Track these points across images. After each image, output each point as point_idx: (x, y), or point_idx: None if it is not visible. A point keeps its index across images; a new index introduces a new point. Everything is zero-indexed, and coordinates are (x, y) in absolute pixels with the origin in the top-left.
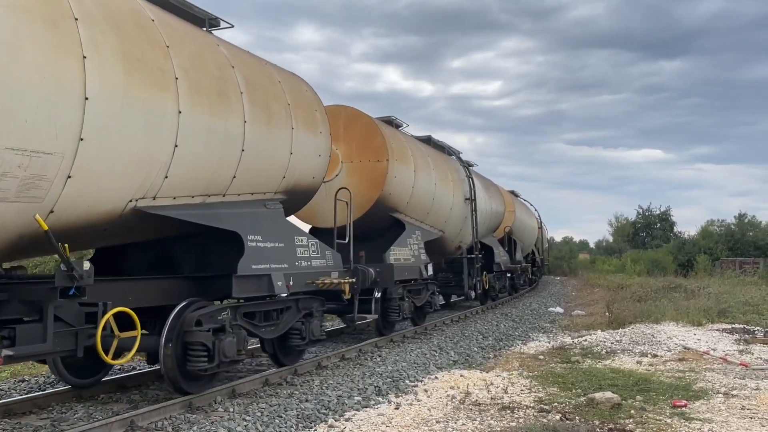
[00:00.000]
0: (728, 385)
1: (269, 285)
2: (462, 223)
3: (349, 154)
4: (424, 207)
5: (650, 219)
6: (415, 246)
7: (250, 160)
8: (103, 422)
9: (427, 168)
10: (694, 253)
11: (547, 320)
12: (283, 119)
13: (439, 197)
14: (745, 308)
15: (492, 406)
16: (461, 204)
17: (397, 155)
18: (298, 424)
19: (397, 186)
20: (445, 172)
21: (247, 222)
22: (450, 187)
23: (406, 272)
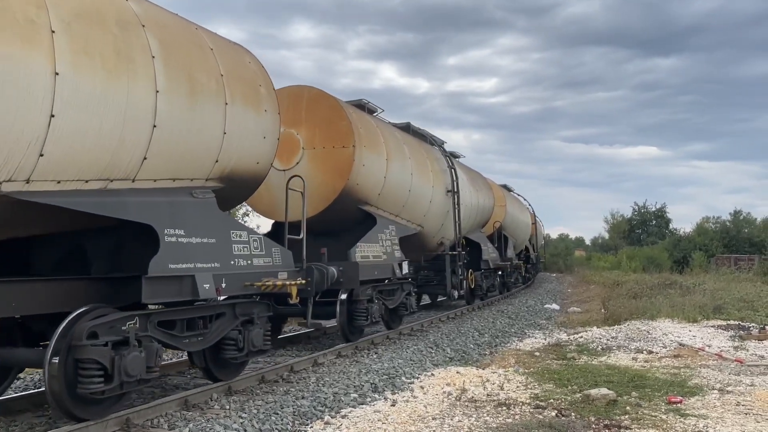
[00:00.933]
0: (723, 381)
1: (192, 288)
2: (443, 218)
3: (311, 140)
4: (399, 199)
5: (646, 216)
6: (387, 242)
7: (166, 138)
8: (99, 420)
9: (402, 157)
10: (689, 250)
11: (543, 317)
12: (212, 92)
13: (416, 189)
14: (740, 305)
15: (488, 402)
16: (442, 197)
17: (366, 141)
18: (294, 421)
19: (366, 175)
20: (423, 161)
21: (165, 213)
22: (429, 178)
23: (376, 271)
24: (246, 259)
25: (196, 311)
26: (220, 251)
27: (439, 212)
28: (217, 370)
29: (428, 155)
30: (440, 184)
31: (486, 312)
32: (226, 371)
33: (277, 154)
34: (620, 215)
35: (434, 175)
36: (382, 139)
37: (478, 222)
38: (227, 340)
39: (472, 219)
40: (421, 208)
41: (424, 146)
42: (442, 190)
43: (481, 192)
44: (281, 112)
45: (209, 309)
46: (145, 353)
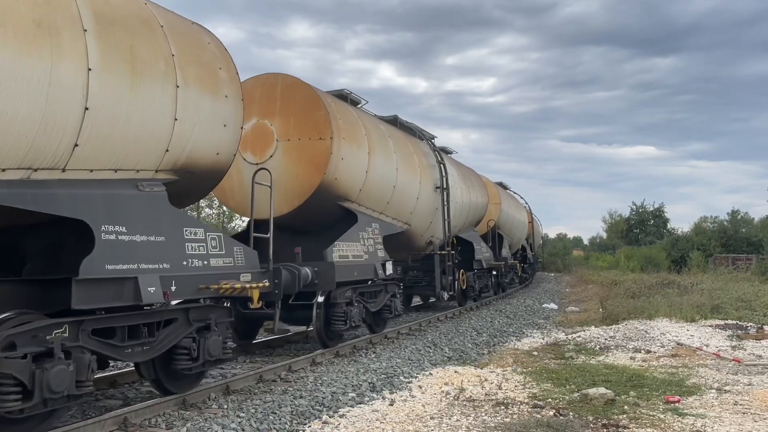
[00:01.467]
0: (721, 380)
1: (135, 292)
2: (432, 216)
3: (285, 131)
4: (383, 196)
5: (644, 215)
6: (370, 241)
7: (102, 123)
8: (96, 419)
9: (386, 151)
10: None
11: (541, 317)
12: (159, 73)
13: (402, 185)
14: (738, 304)
15: (486, 402)
16: (431, 194)
17: (346, 133)
18: (292, 421)
19: (345, 170)
20: (410, 156)
21: (102, 207)
22: (416, 173)
23: (355, 272)
24: (202, 259)
25: (140, 317)
26: (170, 251)
27: (428, 210)
28: (169, 382)
29: (416, 150)
30: (428, 180)
31: (484, 311)
32: (180, 383)
33: (250, 147)
34: (618, 215)
35: (422, 170)
36: (364, 132)
37: (470, 220)
38: (179, 349)
39: (464, 217)
40: (407, 205)
41: (412, 140)
42: (431, 186)
43: (474, 189)
44: (255, 102)
45: (156, 315)
46: (75, 366)
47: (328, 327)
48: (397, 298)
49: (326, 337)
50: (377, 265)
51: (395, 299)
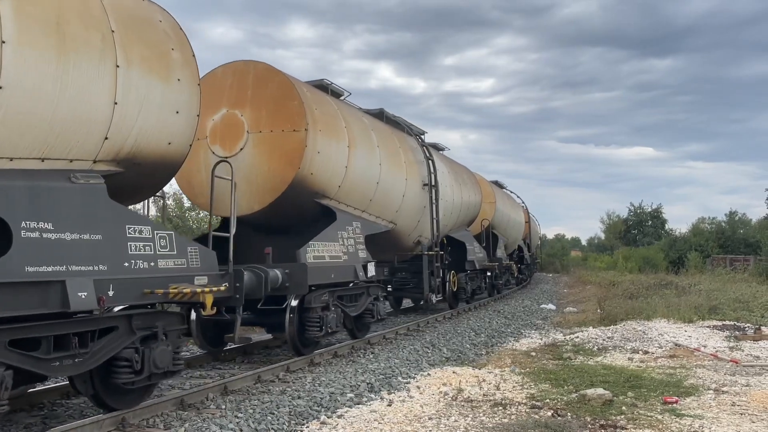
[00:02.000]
0: (719, 381)
1: (62, 297)
2: (420, 214)
3: (257, 122)
4: (365, 193)
5: (642, 216)
6: (350, 241)
7: (20, 103)
8: (94, 419)
9: (369, 145)
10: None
11: (539, 317)
12: (95, 50)
13: (386, 181)
14: (736, 305)
15: (484, 402)
16: (418, 191)
17: (323, 125)
18: (290, 421)
19: (321, 164)
20: (395, 151)
21: (22, 201)
22: (402, 169)
23: (333, 274)
24: (148, 260)
25: (69, 326)
26: (107, 251)
27: (415, 208)
28: (111, 398)
29: (402, 145)
30: (415, 176)
31: (482, 312)
32: (125, 398)
33: (219, 139)
34: (616, 215)
35: (408, 166)
36: (344, 124)
37: (462, 219)
38: (120, 361)
39: (456, 216)
40: (392, 203)
41: (398, 135)
42: (418, 183)
43: (467, 187)
44: (225, 91)
45: (89, 323)
46: None
47: (302, 333)
48: (380, 302)
49: (300, 344)
50: (358, 266)
51: (378, 303)
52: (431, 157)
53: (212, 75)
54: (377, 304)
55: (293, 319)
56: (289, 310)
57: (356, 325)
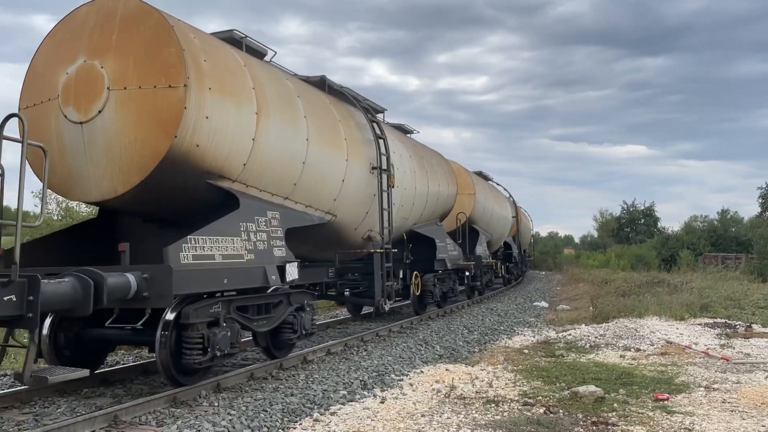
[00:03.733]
0: (710, 378)
1: None
2: (368, 204)
3: (121, 76)
4: (286, 175)
5: (634, 214)
6: (260, 236)
7: None
8: (86, 417)
9: (291, 114)
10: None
11: (532, 315)
12: None
13: (317, 162)
14: (727, 303)
15: (477, 399)
16: (364, 176)
17: (215, 82)
18: (283, 418)
19: (214, 134)
20: (333, 126)
21: None
22: (342, 148)
23: (226, 278)
24: None
25: None
26: None
27: (360, 196)
28: None
29: (344, 119)
30: (361, 158)
31: (475, 309)
32: None
33: (74, 99)
34: (609, 213)
35: (351, 145)
36: (252, 84)
37: (431, 212)
38: None
39: (421, 208)
40: (328, 189)
41: (340, 107)
42: (365, 166)
43: (437, 175)
44: (85, 35)
45: None
46: None
47: (179, 358)
48: (306, 312)
49: (176, 372)
50: (270, 268)
51: (303, 314)
52: (383, 135)
53: (73, 16)
54: (301, 315)
55: (167, 339)
56: (162, 326)
57: (272, 342)
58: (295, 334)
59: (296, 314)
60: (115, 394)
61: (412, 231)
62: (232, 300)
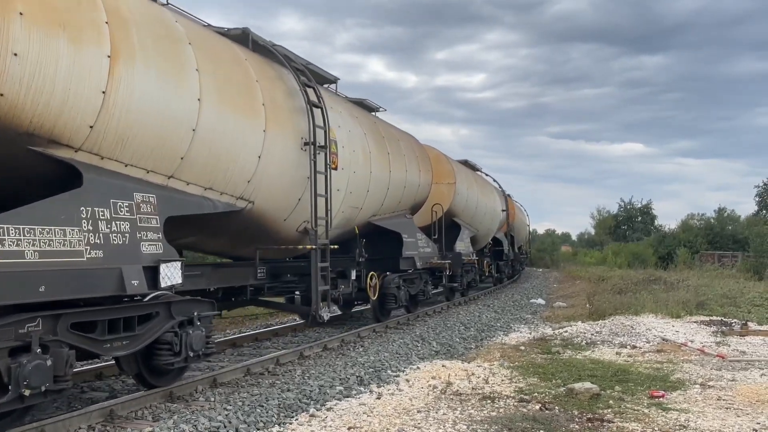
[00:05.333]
0: (705, 376)
1: None
2: (302, 188)
3: None
4: (168, 144)
5: (632, 212)
6: (117, 225)
7: None
8: (82, 411)
9: (173, 64)
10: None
11: (528, 312)
12: None
13: (215, 129)
14: (723, 301)
15: (473, 396)
16: (293, 152)
17: (31, 4)
18: (279, 414)
19: (30, 79)
20: (247, 86)
21: None
22: (258, 116)
23: (43, 286)
24: None
25: None
26: None
27: (289, 178)
28: None
29: (265, 80)
30: (287, 130)
31: (472, 306)
32: None
33: None
34: (606, 211)
35: (272, 113)
36: (104, 17)
37: (397, 202)
38: None
39: (380, 197)
40: (237, 167)
41: (264, 67)
42: (293, 141)
43: (404, 160)
44: None
45: None
46: None
47: None
48: (196, 328)
49: None
50: (130, 270)
51: (192, 330)
52: (320, 104)
53: None
54: (188, 332)
55: None
56: None
57: (147, 367)
58: (178, 357)
59: (180, 331)
60: (111, 388)
61: (370, 224)
62: (61, 315)
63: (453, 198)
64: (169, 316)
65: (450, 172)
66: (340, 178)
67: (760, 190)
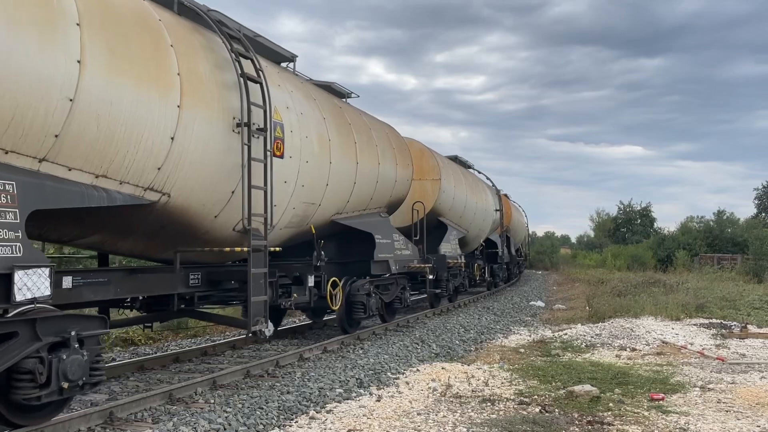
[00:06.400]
0: (705, 378)
1: None
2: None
3: None
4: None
5: (631, 215)
6: None
7: None
8: (81, 413)
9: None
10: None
11: (528, 314)
12: None
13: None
14: (723, 303)
15: (473, 398)
16: (224, 135)
17: None
18: (279, 416)
19: None
20: (156, 51)
21: None
22: (171, 87)
23: None
24: None
25: None
26: None
27: (219, 166)
28: None
29: (181, 46)
30: (214, 108)
31: (472, 308)
32: None
33: None
34: (606, 214)
35: (191, 85)
36: None
37: (367, 199)
38: None
39: (344, 192)
40: (141, 150)
41: (190, 34)
42: (222, 121)
43: (376, 151)
44: None
45: None
46: None
47: None
48: (73, 353)
49: None
50: None
51: (64, 355)
52: (259, 78)
53: None
54: (61, 357)
55: None
56: None
57: (5, 402)
58: (46, 389)
59: (51, 356)
60: (111, 390)
61: (335, 223)
62: None
63: (438, 196)
64: (34, 337)
65: (435, 167)
66: (287, 168)
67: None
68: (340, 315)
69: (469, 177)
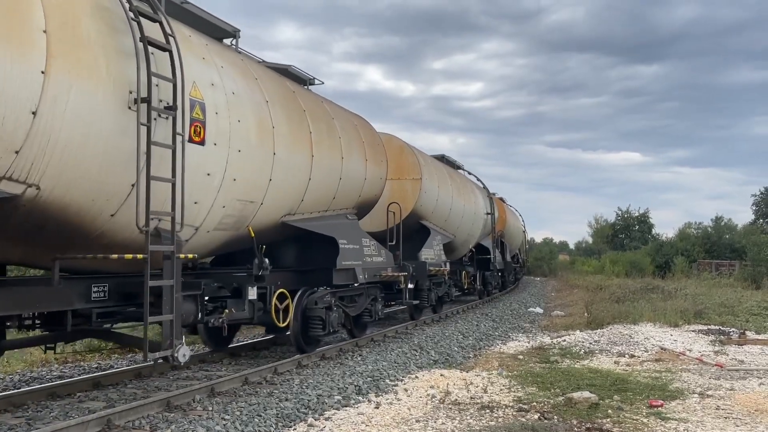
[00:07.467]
0: (704, 385)
1: None
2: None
3: None
4: None
5: (629, 221)
6: None
7: None
8: (79, 420)
9: None
10: (671, 255)
11: (526, 320)
12: None
13: None
14: (721, 310)
15: (471, 405)
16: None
17: None
18: (277, 423)
19: None
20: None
21: None
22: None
23: None
24: None
25: None
26: None
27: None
28: None
29: None
30: (99, 76)
31: (470, 315)
32: None
33: None
34: (604, 220)
35: (61, 46)
36: None
37: (329, 199)
38: None
39: (297, 190)
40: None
41: None
42: (114, 95)
43: (339, 144)
44: None
45: None
46: None
47: None
48: None
49: None
50: None
51: None
52: (168, 45)
53: None
54: None
55: None
56: None
57: None
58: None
59: None
60: (109, 398)
61: (287, 225)
62: None
63: (419, 196)
64: None
65: (415, 165)
66: (211, 158)
67: (757, 198)
68: (295, 332)
69: (457, 178)
